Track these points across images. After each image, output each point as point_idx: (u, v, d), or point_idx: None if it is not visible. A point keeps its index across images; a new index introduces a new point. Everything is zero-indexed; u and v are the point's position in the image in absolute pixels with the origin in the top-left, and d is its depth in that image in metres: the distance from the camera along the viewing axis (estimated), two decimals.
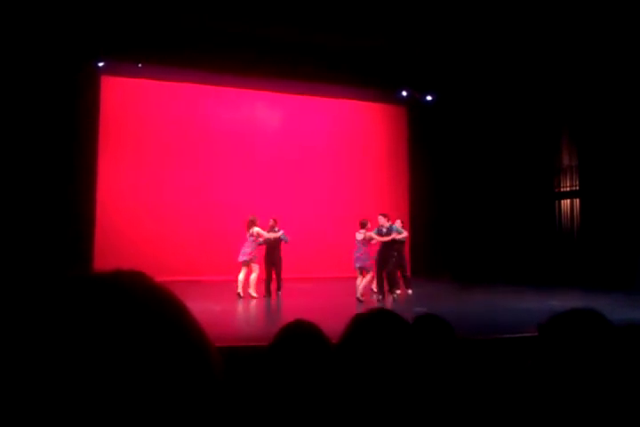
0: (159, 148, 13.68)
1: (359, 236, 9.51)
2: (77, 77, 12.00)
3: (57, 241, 11.10)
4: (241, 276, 9.89)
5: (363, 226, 9.58)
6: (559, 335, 1.26)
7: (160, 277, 0.58)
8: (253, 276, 9.92)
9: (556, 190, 13.75)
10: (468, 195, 14.99)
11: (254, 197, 14.00)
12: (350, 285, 9.52)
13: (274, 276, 10.07)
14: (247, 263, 9.94)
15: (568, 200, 13.52)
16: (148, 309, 0.50)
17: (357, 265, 9.44)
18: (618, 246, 11.86)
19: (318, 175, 14.96)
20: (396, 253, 9.68)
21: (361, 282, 9.32)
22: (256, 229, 10.04)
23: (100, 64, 12.41)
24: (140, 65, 12.79)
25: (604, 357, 1.21)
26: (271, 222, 10.26)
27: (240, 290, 9.73)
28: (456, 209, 15.17)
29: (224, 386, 0.53)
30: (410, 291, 10.20)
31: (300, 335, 1.83)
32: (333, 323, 2.02)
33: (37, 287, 0.50)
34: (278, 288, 10.06)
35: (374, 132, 15.78)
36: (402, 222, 10.54)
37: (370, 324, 1.35)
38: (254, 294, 9.75)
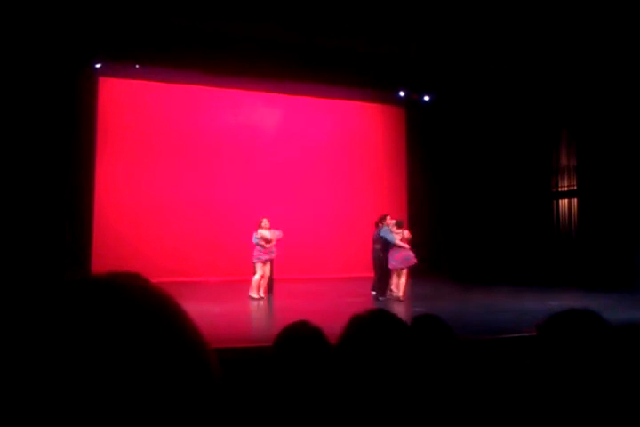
0: (157, 149, 13.67)
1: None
2: (75, 79, 11.98)
3: (55, 243, 11.08)
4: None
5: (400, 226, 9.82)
6: (556, 335, 1.26)
7: (159, 279, 0.58)
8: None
9: (554, 190, 13.75)
10: (466, 195, 15.00)
11: (253, 198, 14.01)
12: (348, 285, 9.50)
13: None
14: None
15: (566, 200, 13.53)
16: (144, 310, 0.50)
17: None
18: (616, 246, 11.87)
19: (316, 175, 14.97)
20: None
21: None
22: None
23: (98, 65, 12.40)
24: (137, 66, 12.77)
25: (600, 356, 1.21)
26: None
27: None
28: (454, 209, 15.18)
29: (222, 388, 0.54)
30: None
31: (300, 337, 1.83)
32: (332, 324, 2.02)
33: (35, 290, 0.50)
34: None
35: (372, 132, 15.79)
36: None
37: (368, 324, 1.35)
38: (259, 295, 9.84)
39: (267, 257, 9.85)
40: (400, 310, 8.23)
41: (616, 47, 11.29)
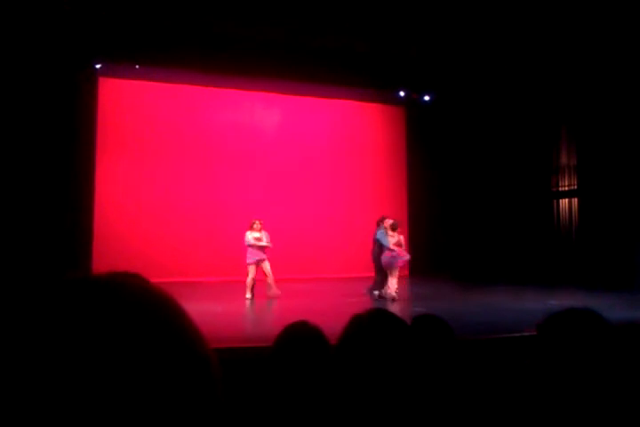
0: (157, 149, 13.67)
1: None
2: (75, 79, 11.99)
3: (55, 243, 11.09)
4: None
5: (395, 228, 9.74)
6: (556, 335, 1.26)
7: (159, 279, 0.58)
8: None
9: (554, 189, 13.75)
10: (466, 194, 15.00)
11: (253, 198, 14.01)
12: (348, 285, 9.48)
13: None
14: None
15: (566, 199, 13.53)
16: (144, 310, 0.50)
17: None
18: (616, 246, 11.86)
19: (316, 176, 14.96)
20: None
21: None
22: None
23: (98, 66, 12.40)
24: (137, 66, 12.77)
25: (600, 356, 1.21)
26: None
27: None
28: (454, 209, 15.18)
29: (222, 388, 0.54)
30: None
31: (300, 337, 1.83)
32: (332, 324, 2.02)
33: (35, 289, 0.50)
34: None
35: (372, 132, 15.78)
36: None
37: (368, 324, 1.35)
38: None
39: (257, 258, 9.88)
40: (400, 310, 8.23)
41: (615, 45, 11.29)
